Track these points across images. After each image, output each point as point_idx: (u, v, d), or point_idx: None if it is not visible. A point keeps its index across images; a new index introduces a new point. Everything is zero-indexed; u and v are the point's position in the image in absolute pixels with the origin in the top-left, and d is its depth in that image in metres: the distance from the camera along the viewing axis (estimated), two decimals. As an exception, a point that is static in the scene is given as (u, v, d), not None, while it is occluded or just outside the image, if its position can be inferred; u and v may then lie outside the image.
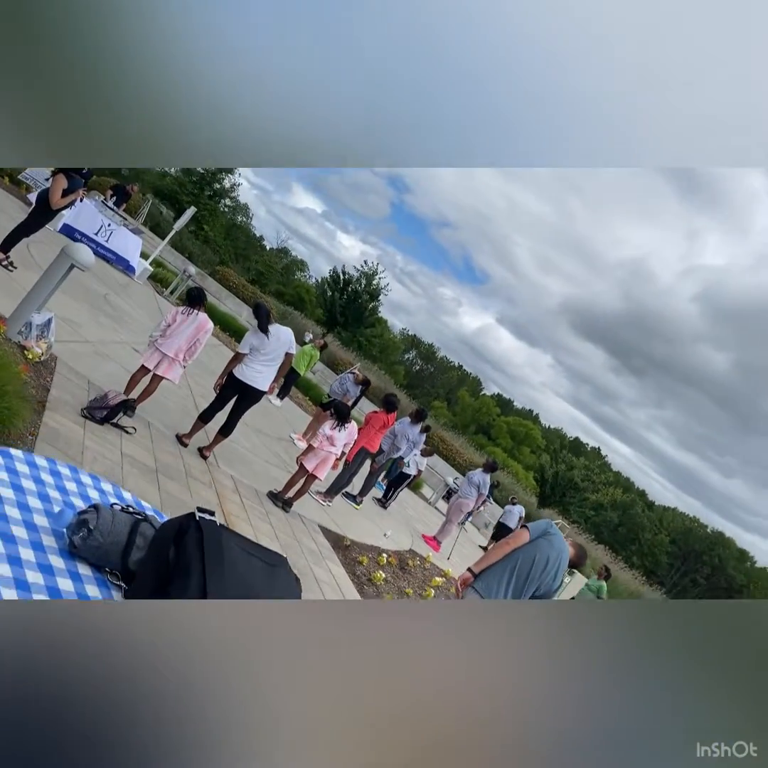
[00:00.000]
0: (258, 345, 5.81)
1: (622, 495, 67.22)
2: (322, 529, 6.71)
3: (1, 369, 3.50)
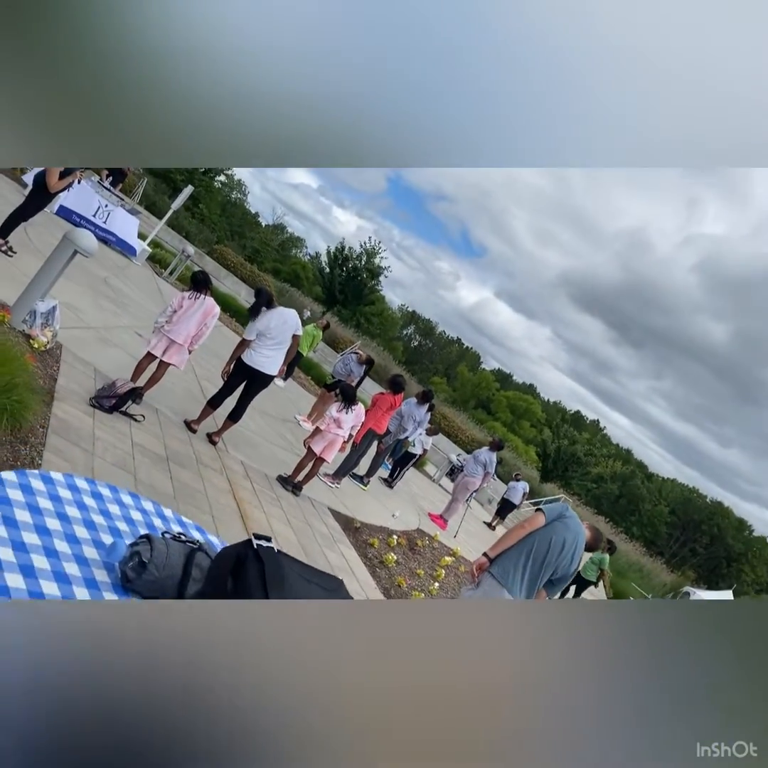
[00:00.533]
0: (264, 330, 5.74)
1: (622, 467, 67.68)
2: (331, 512, 6.71)
3: (10, 361, 3.43)
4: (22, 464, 3.34)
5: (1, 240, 6.53)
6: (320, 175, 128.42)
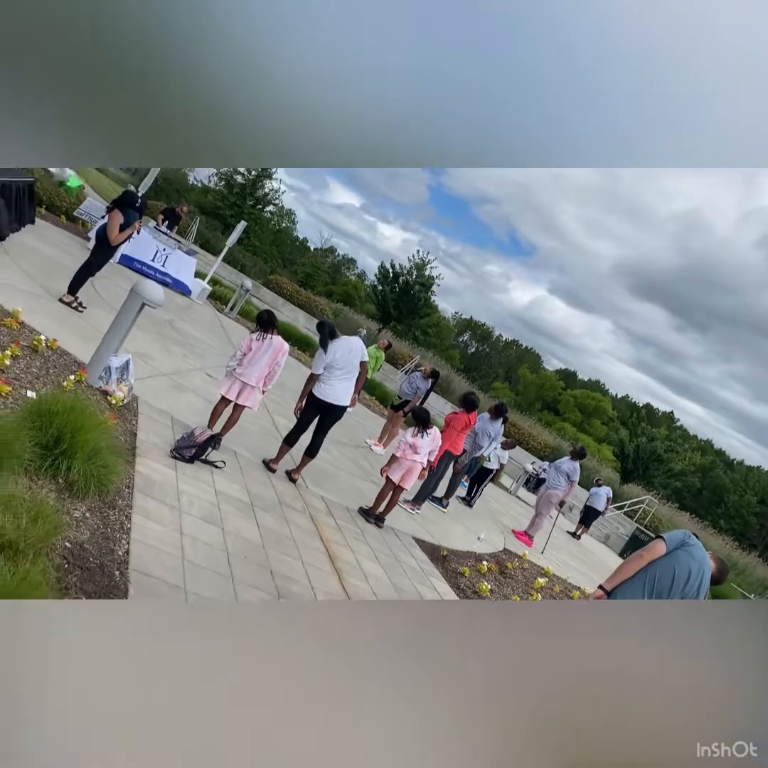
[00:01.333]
0: (331, 362, 5.64)
1: (701, 458, 64.66)
2: (416, 541, 6.49)
3: (94, 426, 3.39)
4: (111, 530, 3.28)
5: (71, 296, 6.68)
6: (362, 192, 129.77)
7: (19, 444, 2.92)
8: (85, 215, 11.89)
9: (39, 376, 4.42)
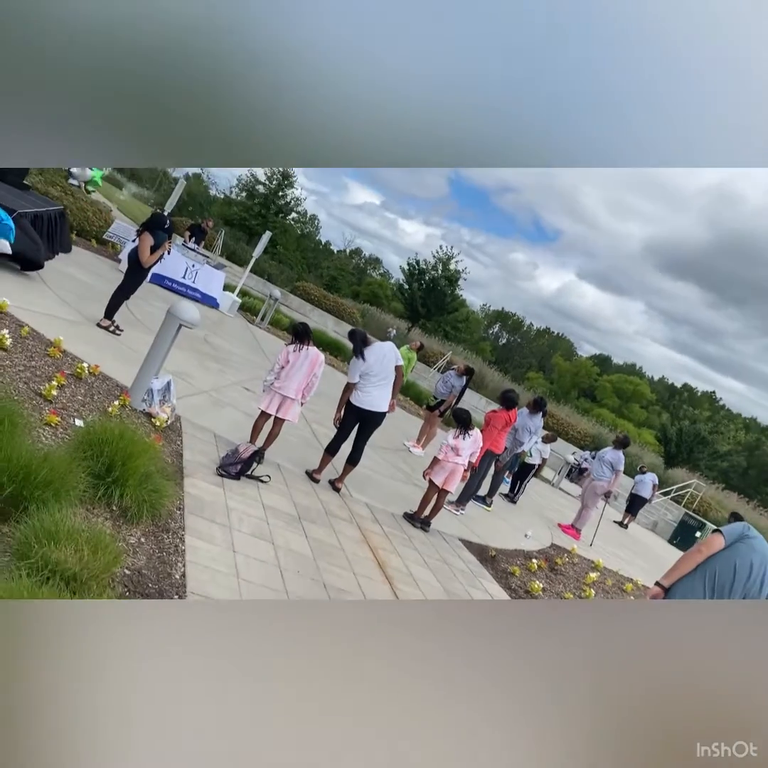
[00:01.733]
0: (365, 369, 5.63)
1: (745, 435, 62.92)
2: (463, 543, 6.45)
3: (143, 452, 3.45)
4: (167, 553, 3.33)
5: (108, 321, 6.81)
6: (382, 190, 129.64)
7: (73, 476, 2.98)
8: (114, 237, 12.13)
9: (85, 404, 4.51)
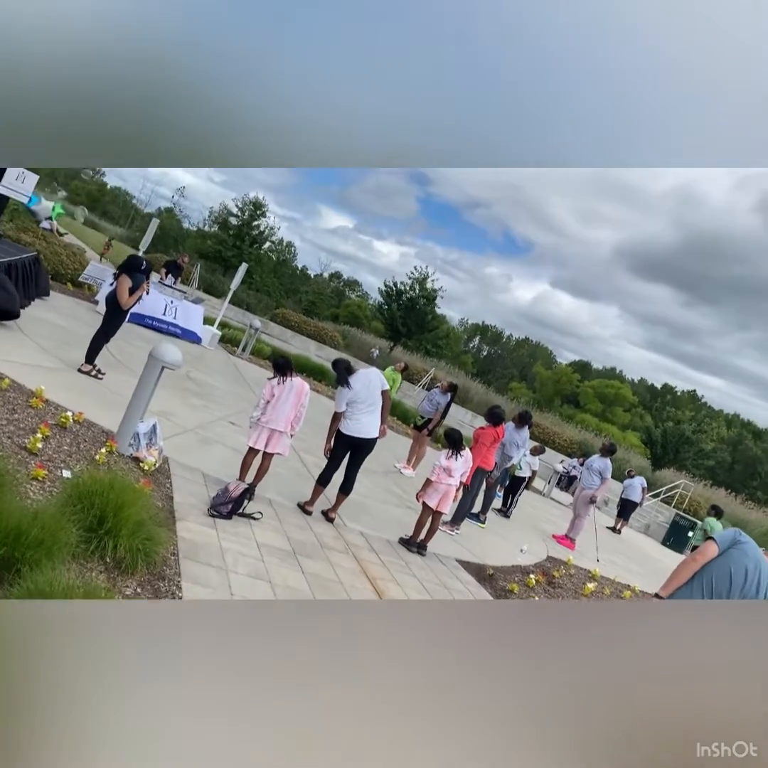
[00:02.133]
0: (352, 397, 5.65)
1: (728, 431, 63.53)
2: (461, 563, 6.44)
3: (135, 500, 3.42)
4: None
5: (89, 365, 6.76)
6: (353, 213, 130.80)
7: (65, 532, 2.95)
8: (90, 279, 12.09)
9: (71, 453, 4.47)
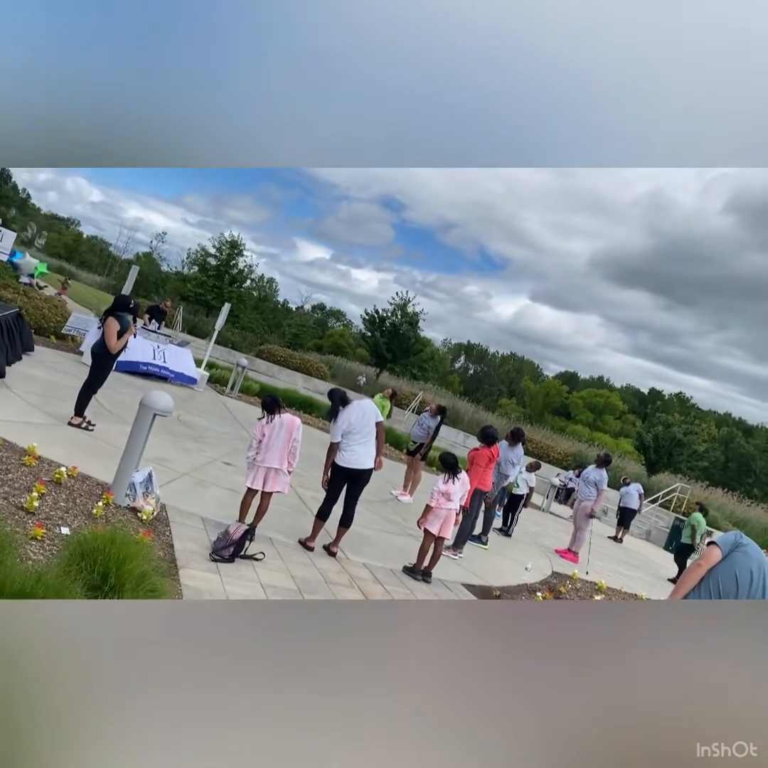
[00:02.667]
0: (347, 428, 5.67)
1: (719, 430, 64.02)
2: (466, 587, 6.42)
3: (136, 553, 3.40)
4: (174, 653, 3.26)
5: (79, 418, 6.74)
6: (330, 244, 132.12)
7: (69, 592, 2.92)
8: (73, 330, 12.08)
9: (68, 510, 4.44)
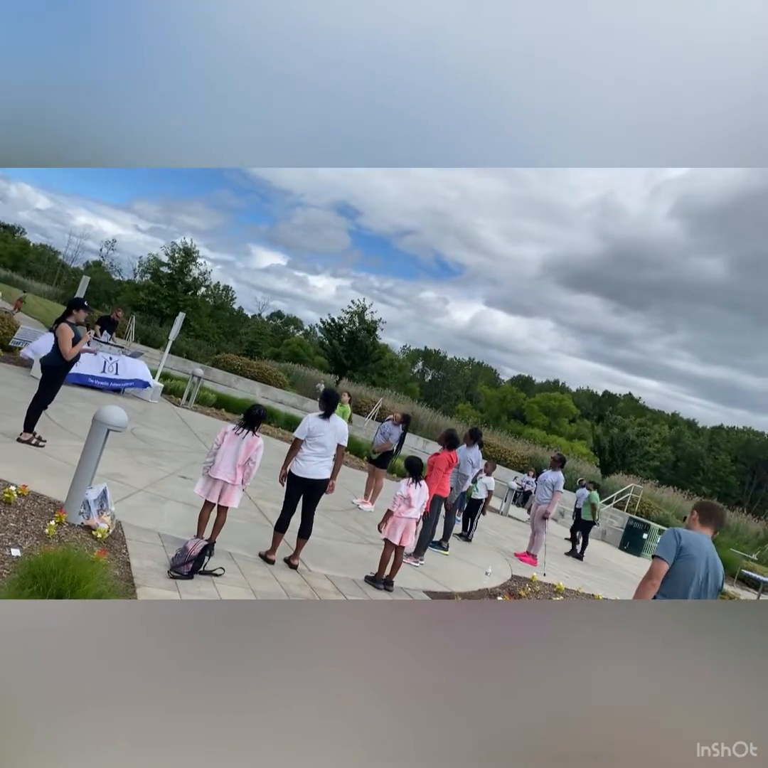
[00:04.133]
0: (313, 433, 5.65)
1: (670, 430, 66.12)
2: (428, 594, 6.46)
3: (91, 573, 3.32)
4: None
5: (29, 434, 6.53)
6: (285, 251, 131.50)
7: (22, 616, 2.83)
8: (21, 343, 11.71)
9: (18, 530, 4.30)
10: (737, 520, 30.30)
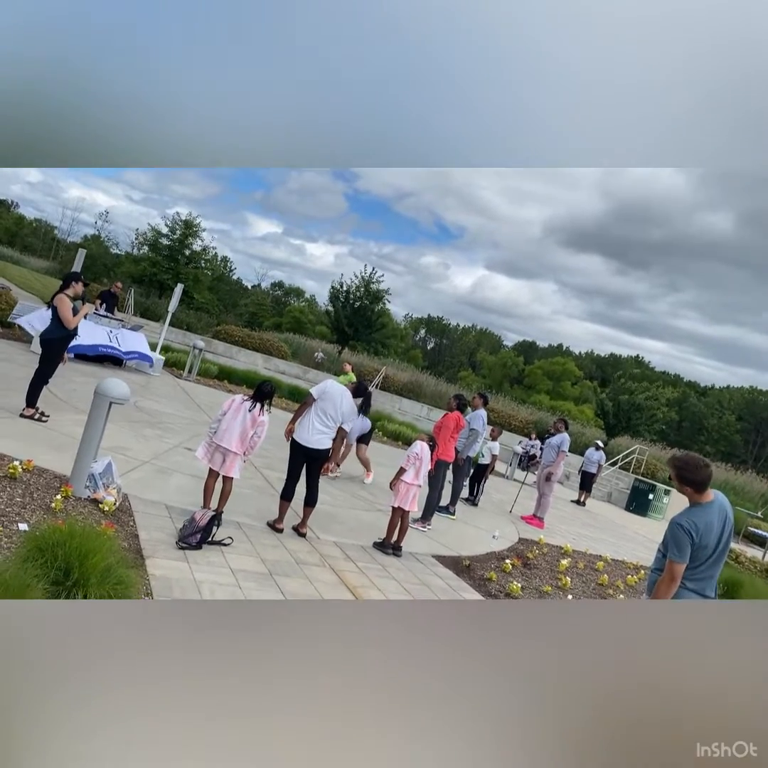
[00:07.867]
0: (325, 397, 5.64)
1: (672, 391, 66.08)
2: (437, 558, 6.48)
3: (99, 546, 3.30)
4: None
5: (31, 409, 6.50)
6: (281, 218, 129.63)
7: (31, 590, 2.82)
8: (18, 318, 11.60)
9: (25, 505, 4.28)
10: (742, 479, 30.40)
